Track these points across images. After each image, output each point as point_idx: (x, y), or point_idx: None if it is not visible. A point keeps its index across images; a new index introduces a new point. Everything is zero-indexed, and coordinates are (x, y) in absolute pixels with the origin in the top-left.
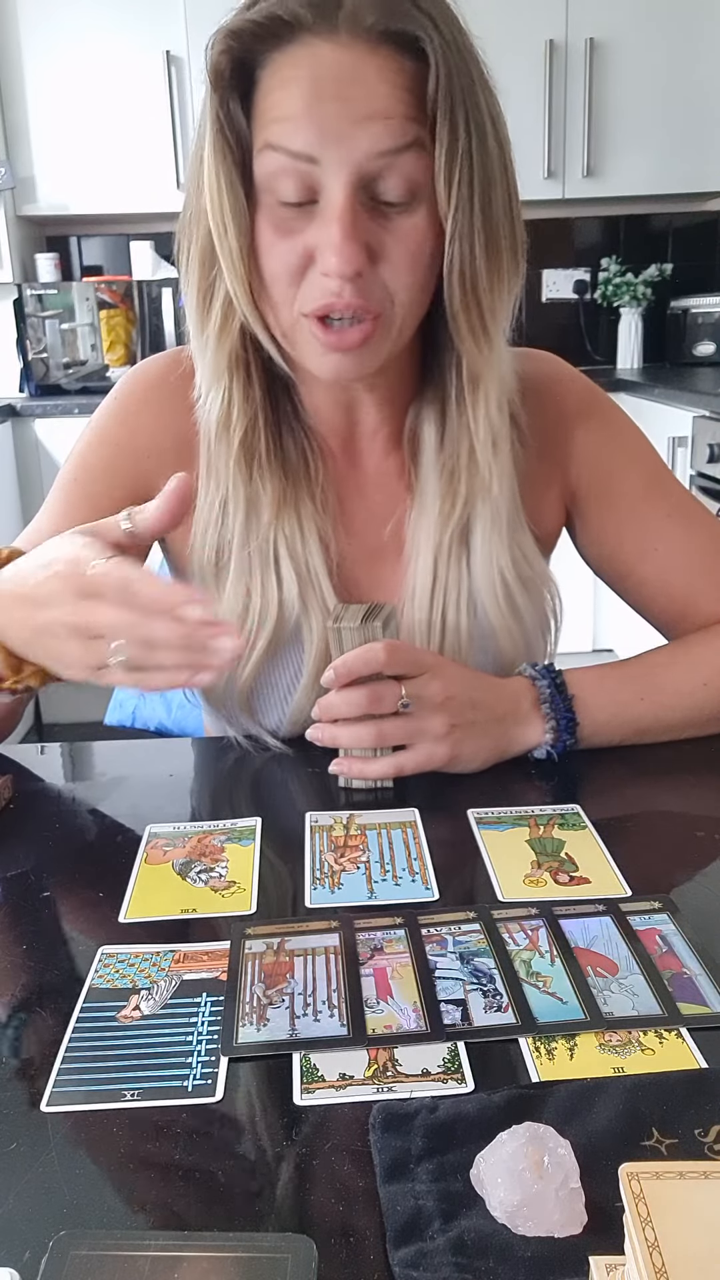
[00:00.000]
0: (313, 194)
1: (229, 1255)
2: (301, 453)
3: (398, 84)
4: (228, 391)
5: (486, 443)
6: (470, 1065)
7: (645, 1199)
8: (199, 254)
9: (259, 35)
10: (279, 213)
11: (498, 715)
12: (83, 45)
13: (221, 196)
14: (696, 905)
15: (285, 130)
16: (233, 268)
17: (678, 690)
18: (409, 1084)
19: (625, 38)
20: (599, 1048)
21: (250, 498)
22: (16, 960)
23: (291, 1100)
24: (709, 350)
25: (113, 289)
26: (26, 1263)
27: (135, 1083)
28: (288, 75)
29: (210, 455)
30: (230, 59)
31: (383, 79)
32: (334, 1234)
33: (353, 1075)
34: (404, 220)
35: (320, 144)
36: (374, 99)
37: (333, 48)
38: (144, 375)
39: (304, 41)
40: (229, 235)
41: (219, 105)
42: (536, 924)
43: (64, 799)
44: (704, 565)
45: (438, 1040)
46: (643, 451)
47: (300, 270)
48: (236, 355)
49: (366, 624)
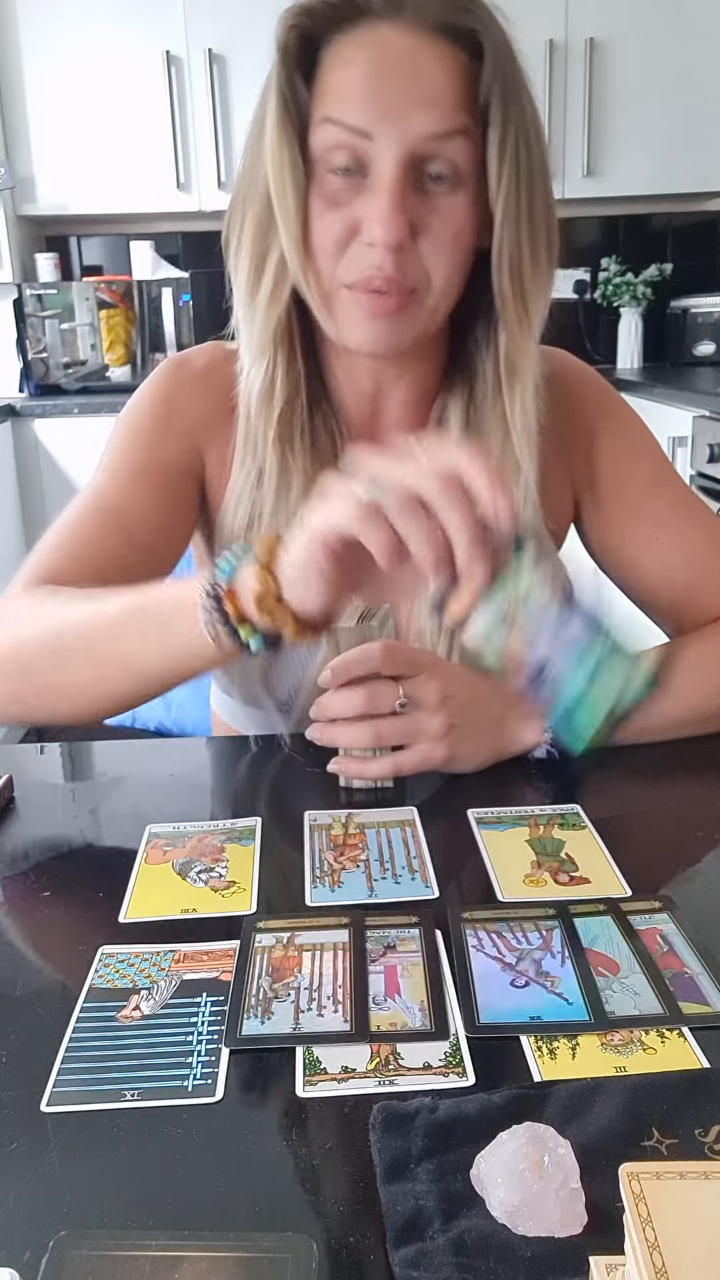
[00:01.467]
0: (364, 167)
1: (229, 1255)
2: (330, 435)
3: (452, 73)
4: (271, 364)
5: (524, 432)
6: (472, 1059)
7: (645, 1199)
8: (254, 222)
9: (329, 16)
10: (330, 184)
11: (496, 715)
12: (82, 45)
13: (282, 162)
14: (696, 905)
15: (344, 106)
16: (289, 228)
17: (678, 689)
18: (410, 1077)
19: (625, 38)
20: (601, 1047)
21: (283, 472)
22: (16, 960)
23: (294, 1098)
24: (709, 350)
25: (113, 289)
26: (26, 1263)
27: (135, 1083)
28: (350, 55)
29: (249, 427)
30: (299, 35)
31: (440, 67)
32: (334, 1234)
33: (355, 1068)
34: (446, 201)
35: (376, 121)
36: (430, 84)
37: (397, 34)
38: (191, 358)
39: (369, 24)
40: (288, 196)
41: (285, 79)
42: (552, 924)
43: (64, 799)
44: (706, 560)
45: (441, 1039)
46: (649, 445)
47: (345, 241)
48: (282, 326)
49: (363, 624)
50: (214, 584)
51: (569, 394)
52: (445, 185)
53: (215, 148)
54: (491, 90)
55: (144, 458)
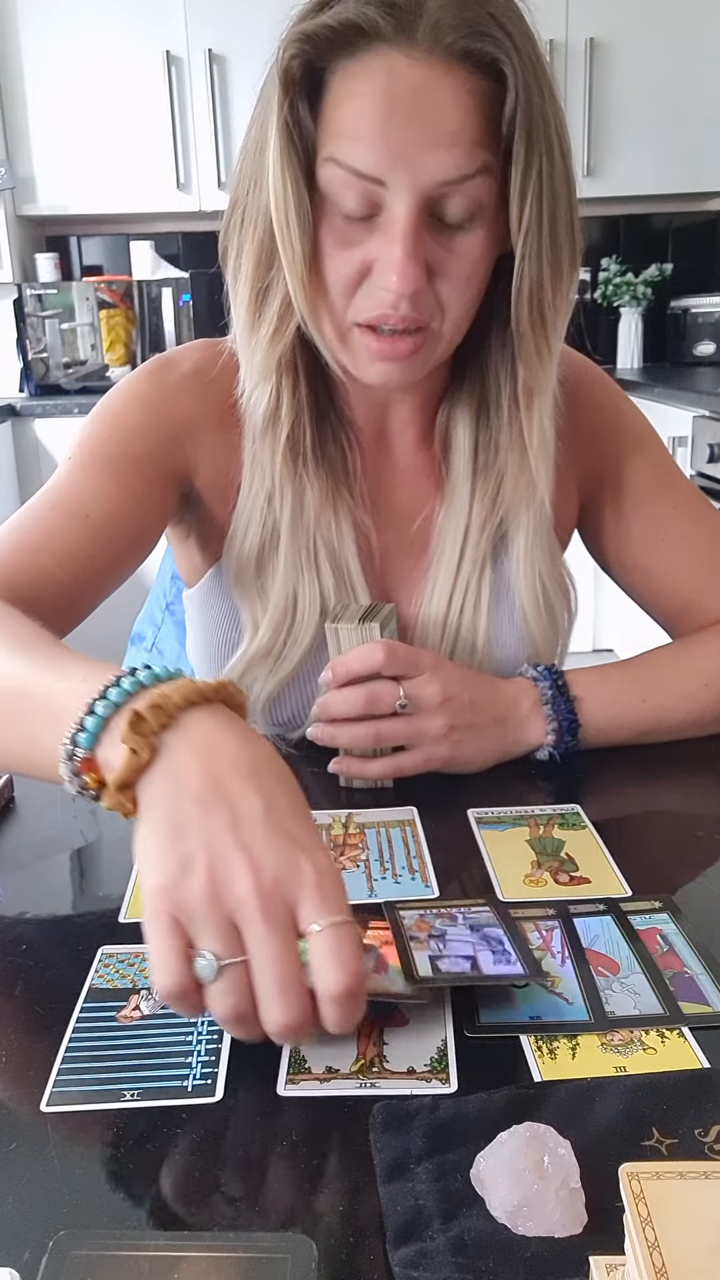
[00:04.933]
0: (375, 209)
1: (229, 1255)
2: (340, 447)
3: (470, 107)
4: (275, 389)
5: (541, 454)
6: (457, 1066)
7: (645, 1199)
8: (255, 253)
9: (333, 41)
10: (339, 222)
11: (497, 716)
12: (82, 45)
13: (287, 201)
14: (697, 905)
15: (352, 149)
16: (295, 272)
17: (680, 691)
18: (394, 1080)
19: (625, 38)
20: (601, 1047)
21: (297, 492)
22: (16, 960)
23: (295, 1097)
24: (709, 350)
25: (113, 289)
26: (26, 1263)
27: (135, 1083)
28: (358, 89)
29: (255, 449)
30: (302, 63)
31: (456, 102)
32: (334, 1234)
33: (338, 1069)
34: (463, 239)
35: (388, 167)
36: (445, 122)
37: (409, 63)
38: (179, 359)
39: (378, 51)
40: (293, 239)
41: (288, 110)
42: (552, 924)
43: (64, 799)
44: (710, 561)
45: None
46: (654, 446)
47: (356, 280)
48: (287, 357)
49: (364, 624)
50: (74, 746)
51: (575, 394)
52: (462, 222)
53: (215, 148)
54: (514, 123)
55: (118, 452)
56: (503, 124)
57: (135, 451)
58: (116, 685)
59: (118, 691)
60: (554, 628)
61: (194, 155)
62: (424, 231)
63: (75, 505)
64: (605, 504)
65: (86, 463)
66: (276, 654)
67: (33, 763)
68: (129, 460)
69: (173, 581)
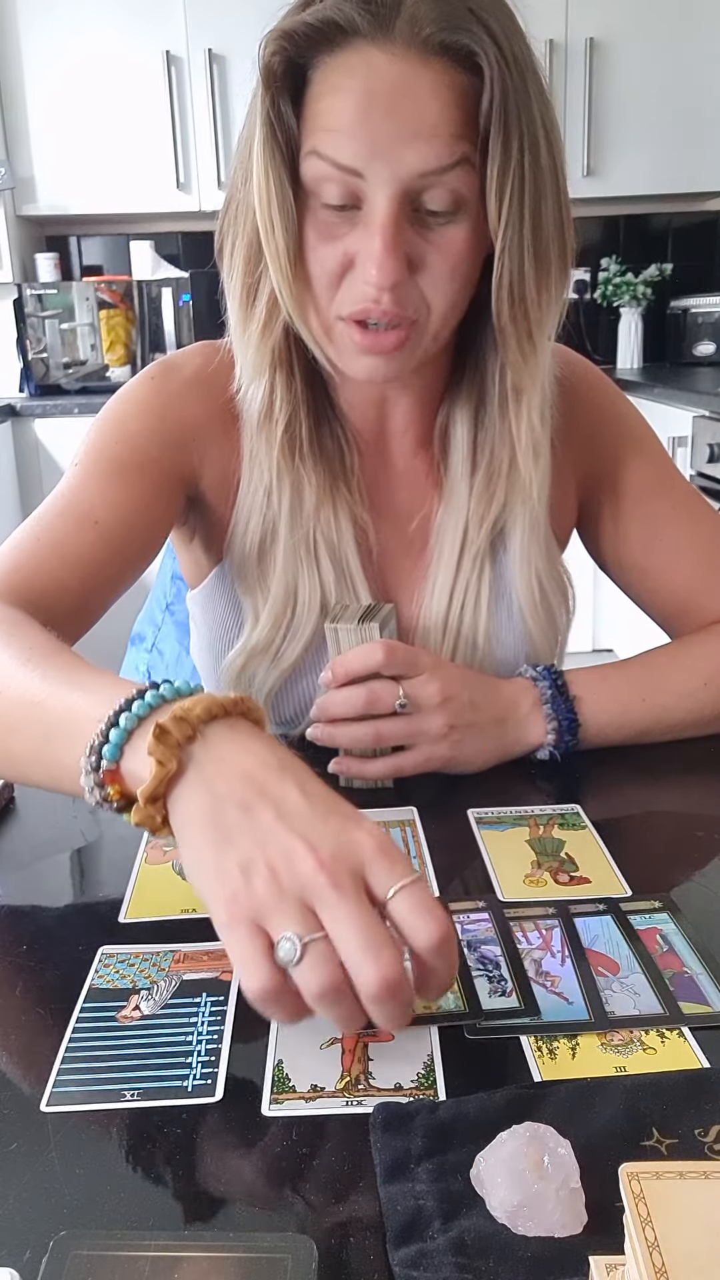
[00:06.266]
0: (356, 201)
1: (229, 1255)
2: (338, 444)
3: (449, 100)
4: (269, 385)
5: (529, 451)
6: (445, 1081)
7: (645, 1199)
8: (244, 250)
9: (312, 38)
10: (322, 215)
11: (497, 716)
12: (82, 45)
13: (270, 197)
14: (697, 905)
15: (333, 141)
16: (279, 267)
17: (679, 691)
18: (379, 1098)
19: (625, 38)
20: (601, 1047)
21: (295, 484)
22: (16, 960)
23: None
24: (709, 350)
25: (112, 289)
26: (26, 1263)
27: (135, 1083)
28: (339, 83)
29: (253, 444)
30: (283, 59)
31: (434, 95)
32: (334, 1234)
33: (324, 1087)
34: (445, 231)
35: (367, 159)
36: (424, 115)
37: (387, 58)
38: (180, 363)
39: (357, 48)
40: (276, 235)
41: (270, 106)
42: (552, 924)
43: (64, 799)
44: (709, 561)
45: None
46: (653, 447)
47: (340, 274)
48: (279, 352)
49: (364, 624)
50: (98, 759)
51: (573, 395)
52: (444, 215)
53: (215, 148)
54: (490, 117)
55: (124, 457)
56: (479, 117)
57: (141, 457)
58: (140, 698)
59: (141, 704)
60: (552, 626)
61: (194, 155)
62: (405, 225)
63: (84, 512)
64: (604, 504)
65: (93, 469)
66: (277, 647)
67: (49, 775)
68: (135, 466)
69: (173, 582)
